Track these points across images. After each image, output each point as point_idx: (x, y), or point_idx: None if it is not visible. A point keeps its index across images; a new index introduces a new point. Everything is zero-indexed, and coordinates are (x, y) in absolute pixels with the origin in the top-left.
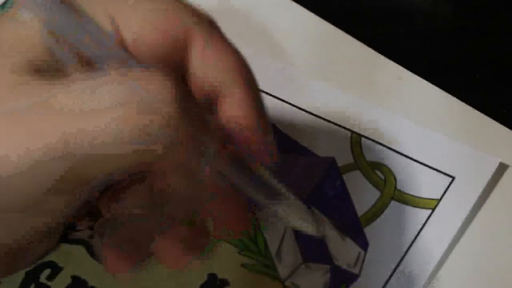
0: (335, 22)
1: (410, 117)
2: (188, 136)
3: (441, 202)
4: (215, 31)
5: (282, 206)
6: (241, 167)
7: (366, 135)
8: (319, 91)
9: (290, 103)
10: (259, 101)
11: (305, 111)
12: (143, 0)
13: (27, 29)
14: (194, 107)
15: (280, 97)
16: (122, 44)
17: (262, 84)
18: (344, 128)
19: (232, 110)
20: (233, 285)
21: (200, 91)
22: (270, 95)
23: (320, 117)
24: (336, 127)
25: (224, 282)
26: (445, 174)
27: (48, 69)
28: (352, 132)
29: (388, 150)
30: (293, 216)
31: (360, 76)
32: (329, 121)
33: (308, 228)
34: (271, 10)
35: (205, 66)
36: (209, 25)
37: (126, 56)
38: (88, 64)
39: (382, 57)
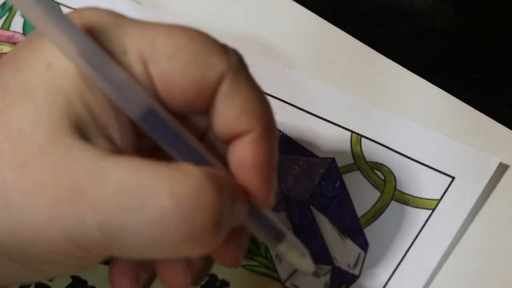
0: (335, 22)
1: (410, 117)
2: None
3: (441, 203)
4: (243, 72)
5: (283, 245)
6: (250, 208)
7: (366, 135)
8: (319, 91)
9: (290, 103)
10: (274, 148)
11: (305, 111)
12: (179, 41)
13: (62, 76)
14: (230, 201)
15: (280, 97)
16: (152, 86)
17: (262, 85)
18: (344, 128)
19: (244, 151)
20: (233, 286)
21: (220, 130)
22: (270, 95)
23: (320, 118)
24: (336, 127)
25: (224, 283)
26: (445, 174)
27: (88, 128)
28: (352, 132)
29: (388, 150)
30: (293, 255)
31: (360, 75)
32: (329, 121)
33: (306, 268)
34: (271, 9)
35: (228, 109)
36: (237, 65)
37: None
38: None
39: (382, 56)
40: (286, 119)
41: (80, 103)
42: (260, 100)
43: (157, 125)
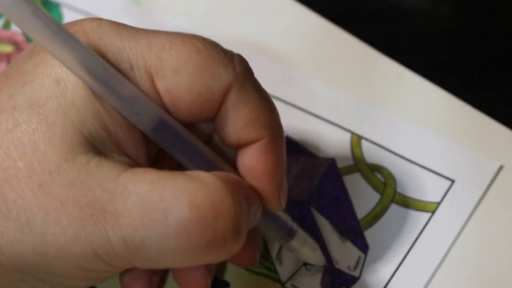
0: (336, 21)
1: (410, 116)
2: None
3: (441, 205)
4: (249, 80)
5: (295, 241)
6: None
7: (366, 136)
8: (320, 92)
9: (290, 104)
10: (282, 154)
11: (305, 111)
12: (184, 54)
13: (72, 91)
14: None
15: (280, 97)
16: (159, 100)
17: (262, 85)
18: (345, 129)
19: (254, 158)
20: (233, 286)
21: (227, 139)
22: (270, 95)
23: (321, 118)
24: (337, 128)
25: (225, 284)
26: (445, 177)
27: (103, 143)
28: (353, 133)
29: (388, 152)
30: (304, 251)
31: (360, 75)
32: (329, 122)
33: (317, 262)
34: (271, 9)
35: (235, 118)
36: (244, 75)
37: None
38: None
39: (382, 56)
40: (286, 119)
41: (93, 118)
42: (267, 108)
43: (169, 136)
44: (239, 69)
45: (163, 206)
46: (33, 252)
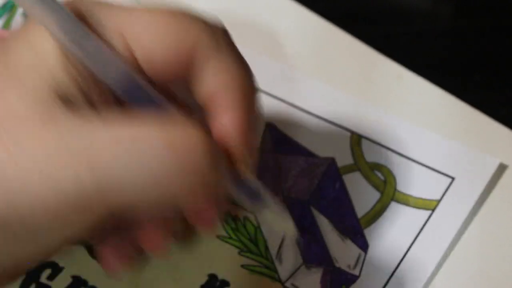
0: (336, 22)
1: (410, 116)
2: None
3: (441, 203)
4: (222, 39)
5: (267, 210)
6: (232, 172)
7: (366, 135)
8: (319, 91)
9: (290, 103)
10: (254, 115)
11: (305, 111)
12: (154, 15)
13: (44, 52)
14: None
15: (280, 97)
16: (134, 61)
17: (262, 84)
18: (344, 128)
19: (224, 117)
20: (233, 285)
21: (199, 97)
22: (270, 95)
23: (320, 117)
24: (336, 127)
25: (225, 283)
26: (445, 175)
27: (76, 98)
28: (352, 132)
29: (388, 151)
30: (275, 220)
31: (359, 75)
32: (329, 121)
33: (290, 232)
34: (270, 9)
35: (207, 75)
36: (216, 32)
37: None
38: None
39: (382, 56)
40: (286, 118)
41: (65, 75)
42: (239, 65)
43: (136, 92)
44: (211, 24)
45: (137, 143)
46: (6, 205)
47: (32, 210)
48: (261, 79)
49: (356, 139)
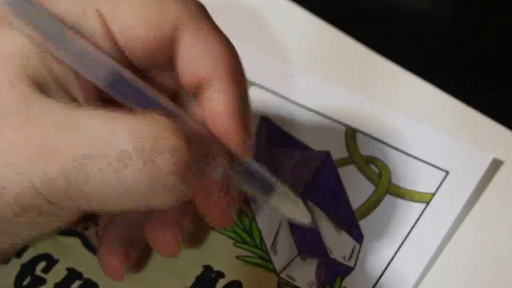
0: (336, 22)
1: (405, 114)
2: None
3: (435, 196)
4: (204, 20)
5: (275, 196)
6: (234, 160)
7: (360, 129)
8: (314, 85)
9: (285, 97)
10: (244, 94)
11: (300, 105)
12: None
13: (19, 40)
14: (199, 144)
15: (275, 91)
16: (111, 39)
17: (258, 79)
18: (339, 122)
19: (214, 100)
20: (228, 277)
21: (186, 82)
22: (265, 89)
23: (315, 111)
24: (331, 121)
25: (220, 274)
26: (439, 168)
27: (50, 86)
28: (347, 126)
29: (383, 144)
30: (286, 206)
31: (355, 73)
32: (324, 115)
33: (302, 217)
34: (268, 9)
35: (192, 57)
36: (198, 13)
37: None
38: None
39: (376, 54)
40: (281, 112)
41: (40, 64)
42: (222, 45)
43: (125, 89)
44: (190, 5)
45: (103, 137)
46: None
47: (2, 202)
48: (257, 74)
49: (351, 133)
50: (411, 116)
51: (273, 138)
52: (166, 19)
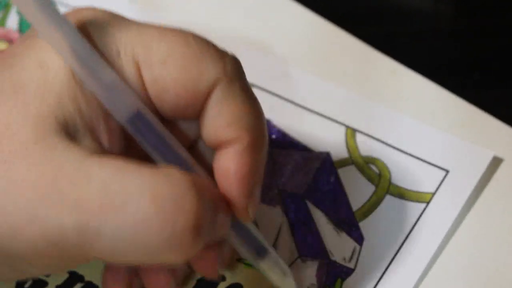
0: (336, 21)
1: (404, 111)
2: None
3: (435, 196)
4: (238, 80)
5: (266, 262)
6: (234, 221)
7: (360, 130)
8: (314, 86)
9: (285, 98)
10: (261, 161)
11: (300, 106)
12: (172, 43)
13: (54, 76)
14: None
15: (275, 92)
16: (143, 90)
17: (257, 79)
18: (339, 122)
19: (229, 159)
20: (229, 279)
21: (208, 138)
22: (265, 90)
23: (315, 112)
24: (331, 122)
25: (220, 277)
26: (439, 167)
27: (77, 128)
28: (347, 127)
29: (383, 144)
30: (275, 273)
31: (354, 71)
32: (323, 116)
33: (288, 287)
34: (269, 8)
35: (219, 117)
36: (233, 72)
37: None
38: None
39: (376, 52)
40: (281, 113)
41: (70, 103)
42: (252, 110)
43: (144, 130)
44: (229, 66)
45: (124, 195)
46: None
47: (13, 242)
48: (256, 74)
49: (351, 133)
50: (411, 113)
51: (273, 139)
52: (203, 80)
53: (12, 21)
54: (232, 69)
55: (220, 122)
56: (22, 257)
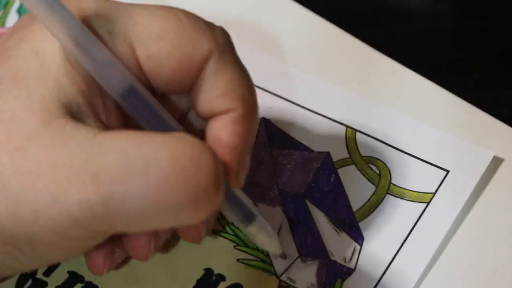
0: (336, 22)
1: (404, 110)
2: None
3: (435, 196)
4: (229, 52)
5: (254, 227)
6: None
7: (361, 130)
8: (315, 86)
9: (285, 98)
10: (252, 130)
11: (300, 106)
12: (165, 22)
13: (50, 61)
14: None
15: (275, 92)
16: (138, 67)
17: (257, 79)
18: (339, 123)
19: (222, 129)
20: (229, 280)
21: (202, 109)
22: (265, 90)
23: (315, 112)
24: (331, 122)
25: (221, 277)
26: (439, 168)
27: (80, 107)
28: (347, 127)
29: (383, 144)
30: (262, 237)
31: (354, 71)
32: (324, 116)
33: (274, 250)
34: (267, 6)
35: (213, 89)
36: (224, 45)
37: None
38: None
39: (376, 52)
40: (281, 113)
41: (70, 85)
42: (244, 81)
43: (137, 104)
44: (220, 39)
45: (143, 159)
46: (9, 218)
47: (35, 226)
48: (256, 75)
49: (351, 133)
50: (411, 113)
51: (273, 139)
52: (197, 53)
53: (12, 21)
54: (223, 41)
55: (214, 93)
56: (43, 241)
